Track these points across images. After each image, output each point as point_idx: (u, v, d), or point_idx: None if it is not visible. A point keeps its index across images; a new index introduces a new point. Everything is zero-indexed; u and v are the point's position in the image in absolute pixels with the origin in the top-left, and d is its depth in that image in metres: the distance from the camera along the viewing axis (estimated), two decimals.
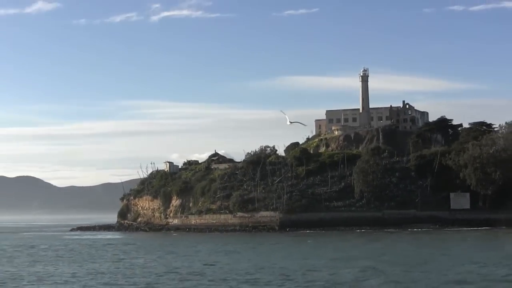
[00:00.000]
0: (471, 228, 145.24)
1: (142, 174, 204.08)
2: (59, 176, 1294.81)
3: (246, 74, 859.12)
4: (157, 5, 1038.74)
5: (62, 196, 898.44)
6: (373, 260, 78.93)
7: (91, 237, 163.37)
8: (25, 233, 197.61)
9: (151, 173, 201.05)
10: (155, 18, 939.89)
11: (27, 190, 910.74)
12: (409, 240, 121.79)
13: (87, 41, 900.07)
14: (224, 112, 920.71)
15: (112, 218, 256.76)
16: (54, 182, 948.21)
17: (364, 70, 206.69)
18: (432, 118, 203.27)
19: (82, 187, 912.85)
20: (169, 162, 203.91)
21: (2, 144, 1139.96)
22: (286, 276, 64.55)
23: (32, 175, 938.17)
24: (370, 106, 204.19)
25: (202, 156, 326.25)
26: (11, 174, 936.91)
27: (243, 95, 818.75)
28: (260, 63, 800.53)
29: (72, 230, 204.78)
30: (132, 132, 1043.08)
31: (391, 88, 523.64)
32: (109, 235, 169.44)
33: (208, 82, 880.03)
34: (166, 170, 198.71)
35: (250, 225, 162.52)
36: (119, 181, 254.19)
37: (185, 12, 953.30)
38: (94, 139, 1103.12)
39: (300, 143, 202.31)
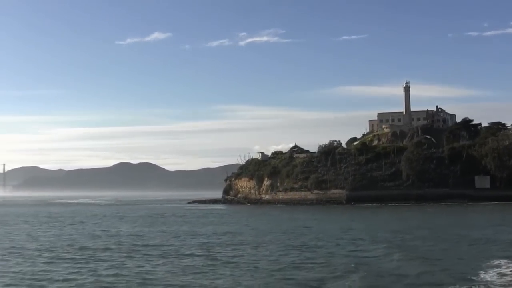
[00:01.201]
0: (491, 203, 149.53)
1: (241, 160, 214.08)
2: (170, 162, 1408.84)
3: (311, 85, 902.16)
4: (243, 33, 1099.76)
5: (173, 178, 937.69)
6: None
7: (205, 208, 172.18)
8: (156, 205, 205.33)
9: (247, 161, 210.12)
10: (242, 43, 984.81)
11: (146, 173, 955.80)
12: (446, 212, 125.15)
13: (191, 62, 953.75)
14: (294, 113, 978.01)
15: (211, 194, 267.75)
16: (166, 167, 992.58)
17: (407, 82, 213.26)
18: (459, 119, 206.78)
19: (188, 170, 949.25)
20: (261, 152, 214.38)
21: (131, 138, 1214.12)
22: (373, 235, 67.17)
23: (150, 162, 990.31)
24: (411, 110, 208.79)
25: (278, 148, 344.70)
26: (134, 161, 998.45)
27: (308, 101, 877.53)
28: (322, 76, 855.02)
29: (189, 203, 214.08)
30: (224, 129, 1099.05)
31: (426, 95, 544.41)
32: (218, 206, 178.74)
33: (281, 91, 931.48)
34: (259, 158, 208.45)
35: (323, 199, 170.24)
36: (216, 166, 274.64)
37: (265, 38, 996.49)
38: (196, 134, 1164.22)
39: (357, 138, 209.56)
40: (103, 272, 42.14)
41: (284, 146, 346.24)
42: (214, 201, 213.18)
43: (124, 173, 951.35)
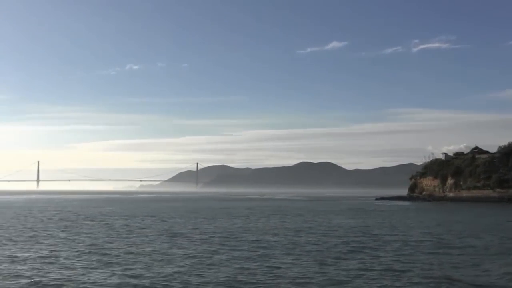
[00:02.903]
0: None
1: (422, 161, 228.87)
2: (348, 162, 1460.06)
3: (480, 88, 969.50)
4: (416, 40, 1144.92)
5: (350, 176, 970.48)
6: None
7: (393, 203, 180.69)
8: (347, 201, 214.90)
9: (431, 161, 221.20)
10: (415, 50, 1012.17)
11: (326, 171, 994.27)
12: None
13: (366, 68, 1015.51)
14: (464, 116, 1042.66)
15: (387, 192, 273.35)
16: (344, 166, 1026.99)
17: None
18: None
19: (364, 170, 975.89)
20: (445, 153, 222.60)
21: (310, 140, 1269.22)
22: None
23: (329, 161, 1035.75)
24: None
25: (449, 148, 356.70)
26: (315, 160, 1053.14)
27: (478, 103, 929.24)
28: (491, 80, 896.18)
29: (376, 199, 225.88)
30: (397, 130, 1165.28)
31: None
32: (405, 203, 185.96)
33: (452, 94, 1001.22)
34: (442, 158, 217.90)
35: (505, 198, 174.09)
36: (390, 165, 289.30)
37: (436, 45, 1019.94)
38: (372, 136, 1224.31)
39: None
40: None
41: (455, 147, 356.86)
42: (400, 198, 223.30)
43: (306, 172, 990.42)
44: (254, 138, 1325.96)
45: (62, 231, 64.20)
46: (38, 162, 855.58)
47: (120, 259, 40.60)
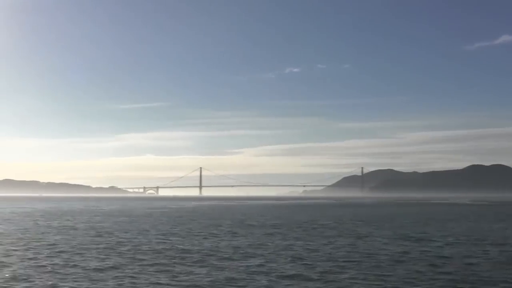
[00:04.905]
0: None
1: None
2: None
3: None
4: None
5: None
6: None
7: None
8: None
9: None
10: None
11: (499, 175, 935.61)
12: None
13: None
14: None
15: None
16: None
17: None
18: None
19: None
20: None
21: (479, 141, 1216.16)
22: None
23: (503, 164, 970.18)
24: None
25: None
26: (487, 163, 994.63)
27: None
28: None
29: None
30: None
31: None
32: None
33: None
34: None
35: None
36: None
37: None
38: None
39: None
40: None
41: None
42: None
43: (477, 175, 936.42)
44: (420, 140, 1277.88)
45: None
46: (201, 168, 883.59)
47: None
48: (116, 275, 30.04)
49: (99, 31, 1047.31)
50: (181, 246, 45.17)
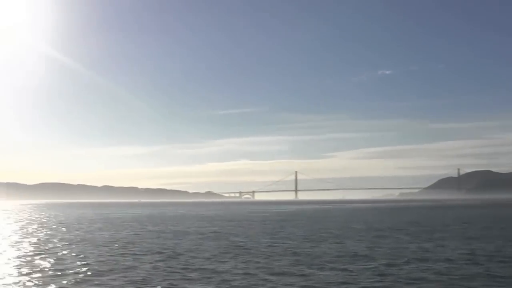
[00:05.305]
0: None
1: None
2: None
3: None
4: None
5: None
6: None
7: None
8: None
9: None
10: None
11: None
12: None
13: None
14: None
15: None
16: None
17: None
18: None
19: None
20: None
21: None
22: None
23: None
24: None
25: None
26: None
27: None
28: None
29: None
30: None
31: None
32: None
33: None
34: None
35: None
36: None
37: None
38: None
39: None
40: None
41: None
42: None
43: None
44: None
45: None
46: (296, 172, 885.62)
47: None
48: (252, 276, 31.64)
49: (196, 38, 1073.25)
50: (299, 250, 46.36)
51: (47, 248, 49.39)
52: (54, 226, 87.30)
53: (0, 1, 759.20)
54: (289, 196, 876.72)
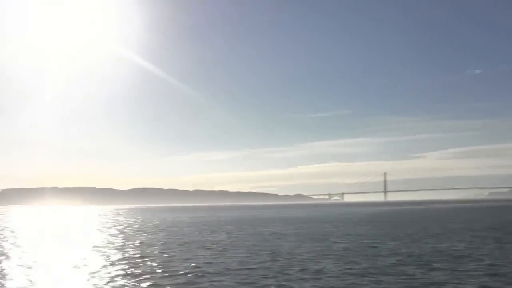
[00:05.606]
0: None
1: None
2: None
3: None
4: None
5: None
6: None
7: None
8: None
9: None
10: None
11: None
12: None
13: None
14: None
15: None
16: None
17: None
18: None
19: None
20: None
21: None
22: None
23: None
24: None
25: None
26: None
27: None
28: None
29: None
30: None
31: None
32: None
33: None
34: None
35: None
36: None
37: None
38: None
39: None
40: None
41: None
42: None
43: None
44: None
45: None
46: (385, 173, 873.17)
47: None
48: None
49: (289, 43, 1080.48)
50: (403, 250, 45.99)
51: (150, 250, 50.59)
52: (152, 230, 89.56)
53: (91, 10, 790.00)
54: (378, 198, 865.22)
